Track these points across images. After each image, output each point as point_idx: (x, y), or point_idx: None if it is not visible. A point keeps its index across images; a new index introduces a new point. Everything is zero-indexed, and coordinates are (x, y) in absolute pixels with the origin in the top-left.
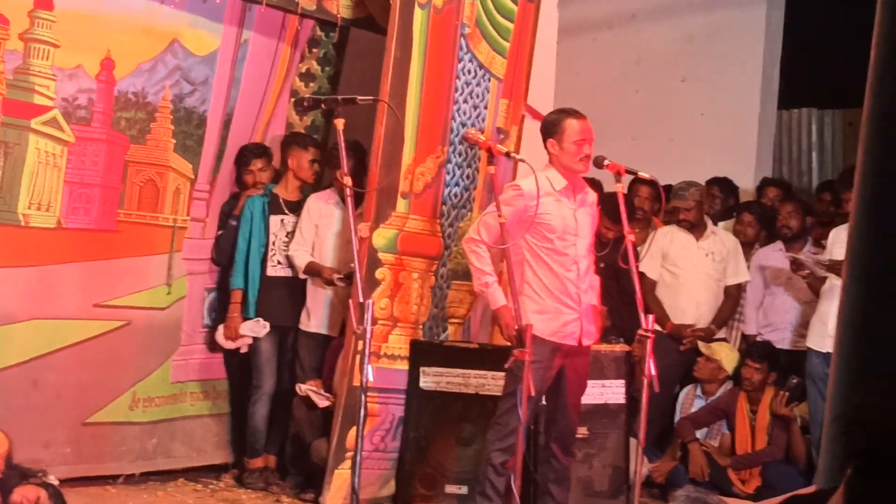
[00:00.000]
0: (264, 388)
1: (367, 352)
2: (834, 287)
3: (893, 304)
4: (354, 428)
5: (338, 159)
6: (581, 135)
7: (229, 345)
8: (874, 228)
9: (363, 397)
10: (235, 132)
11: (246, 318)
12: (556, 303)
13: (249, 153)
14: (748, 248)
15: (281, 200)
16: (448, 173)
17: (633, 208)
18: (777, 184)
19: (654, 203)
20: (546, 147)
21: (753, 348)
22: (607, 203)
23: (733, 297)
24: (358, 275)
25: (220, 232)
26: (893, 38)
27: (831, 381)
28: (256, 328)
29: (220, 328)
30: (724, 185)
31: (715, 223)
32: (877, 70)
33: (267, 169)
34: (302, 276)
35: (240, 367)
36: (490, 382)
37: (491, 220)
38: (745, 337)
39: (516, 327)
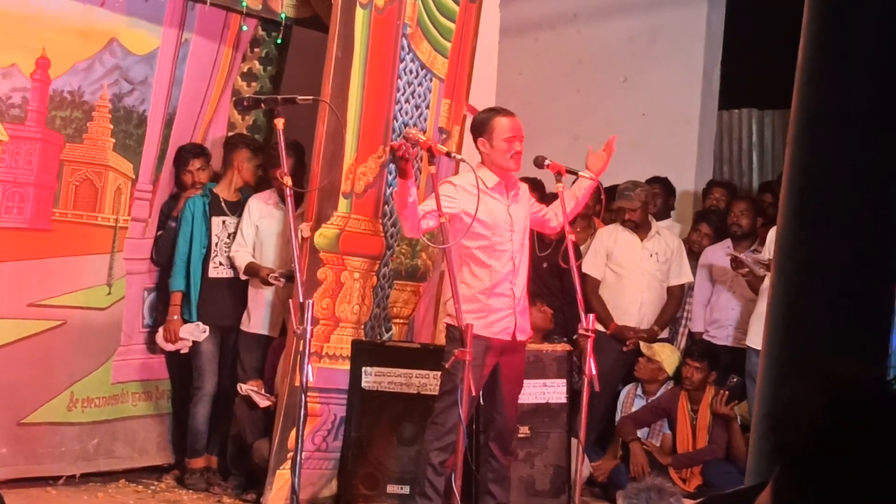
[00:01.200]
0: (205, 389)
1: (307, 352)
2: None
3: (818, 301)
4: (295, 428)
5: (278, 159)
6: (511, 132)
7: (169, 347)
8: (799, 228)
9: (303, 397)
10: (177, 132)
11: (187, 321)
12: (490, 299)
13: (187, 153)
14: (699, 254)
15: (222, 201)
16: (390, 173)
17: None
18: (723, 185)
19: (596, 203)
20: (477, 146)
21: (694, 347)
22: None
23: (676, 297)
24: (298, 275)
25: (159, 232)
26: (819, 39)
27: (759, 377)
28: (196, 332)
29: (160, 330)
30: (664, 185)
31: None
32: (803, 72)
33: (206, 169)
34: (242, 276)
35: (181, 367)
36: (432, 382)
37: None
38: (691, 334)
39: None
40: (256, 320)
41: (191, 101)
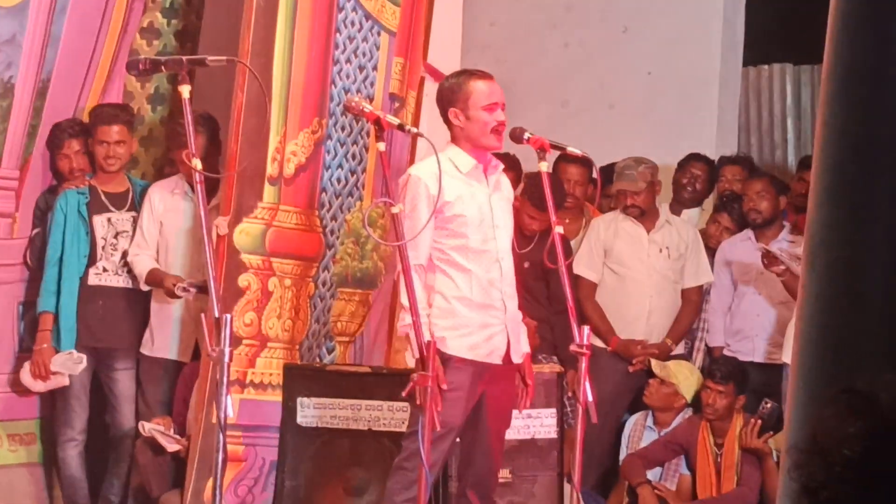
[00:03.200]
0: (75, 428)
1: (225, 380)
2: None
3: (860, 303)
4: (212, 477)
5: (183, 137)
6: (490, 98)
7: (39, 387)
8: (836, 210)
9: (222, 437)
10: (54, 104)
11: (58, 350)
12: (476, 312)
13: (62, 132)
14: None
15: (102, 195)
16: (328, 152)
17: (563, 194)
18: (737, 161)
19: (588, 186)
20: (447, 119)
21: (714, 366)
22: (530, 187)
23: (694, 303)
24: (212, 283)
25: (35, 230)
26: None
27: (789, 401)
28: (68, 363)
29: (26, 366)
30: (709, 166)
31: (678, 211)
32: (837, 15)
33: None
34: (144, 287)
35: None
36: (387, 415)
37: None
38: (709, 350)
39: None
40: (161, 342)
41: (72, 64)
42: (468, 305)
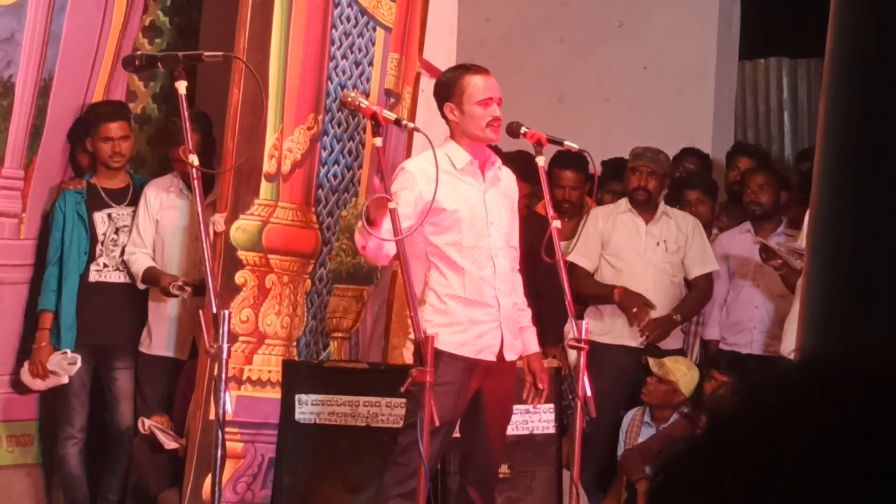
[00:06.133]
0: (75, 426)
1: (223, 376)
2: None
3: (868, 295)
4: (211, 474)
5: (178, 134)
6: (487, 93)
7: (38, 386)
8: (841, 197)
9: (220, 434)
10: (58, 103)
11: (57, 349)
12: (468, 309)
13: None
14: (705, 230)
15: (101, 191)
16: (325, 148)
17: (556, 201)
18: (750, 153)
19: (585, 187)
20: (443, 114)
21: (720, 358)
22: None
23: (702, 287)
24: (210, 279)
25: None
26: None
27: None
28: (63, 364)
29: (26, 365)
30: (700, 158)
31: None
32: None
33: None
34: (140, 285)
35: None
36: (385, 411)
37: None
38: (705, 344)
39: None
40: (159, 340)
41: (75, 63)
42: (460, 302)
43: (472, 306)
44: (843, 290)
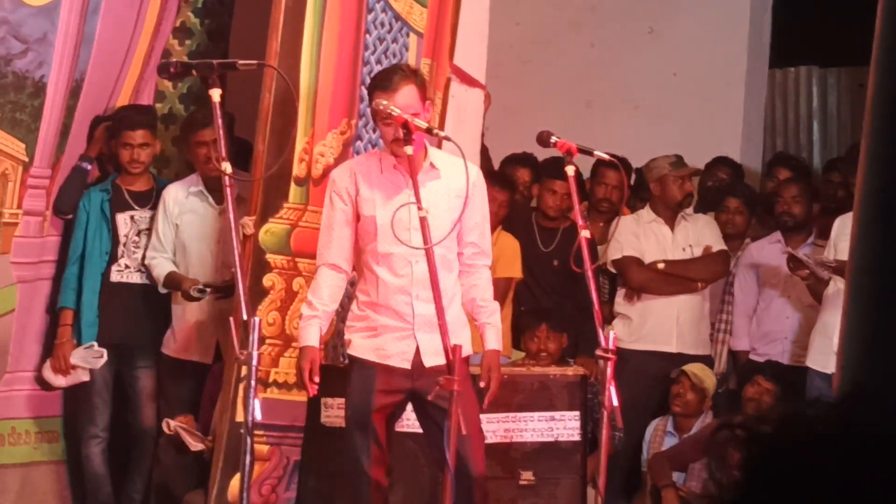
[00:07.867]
0: (98, 425)
1: (253, 384)
2: (840, 292)
3: None
4: (238, 476)
5: (198, 121)
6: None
7: (60, 382)
8: (886, 215)
9: (248, 437)
10: (86, 103)
11: (79, 344)
12: (380, 316)
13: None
14: (737, 240)
15: (126, 193)
16: (357, 153)
17: (597, 199)
18: (791, 165)
19: (623, 192)
20: None
21: (766, 367)
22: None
23: (724, 254)
24: (240, 283)
25: None
26: None
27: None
28: (88, 357)
29: (48, 361)
30: (732, 167)
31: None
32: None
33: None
34: (162, 290)
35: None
36: (411, 415)
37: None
38: (733, 354)
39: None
40: (182, 343)
41: (105, 64)
42: (374, 309)
43: (383, 313)
44: (883, 309)
